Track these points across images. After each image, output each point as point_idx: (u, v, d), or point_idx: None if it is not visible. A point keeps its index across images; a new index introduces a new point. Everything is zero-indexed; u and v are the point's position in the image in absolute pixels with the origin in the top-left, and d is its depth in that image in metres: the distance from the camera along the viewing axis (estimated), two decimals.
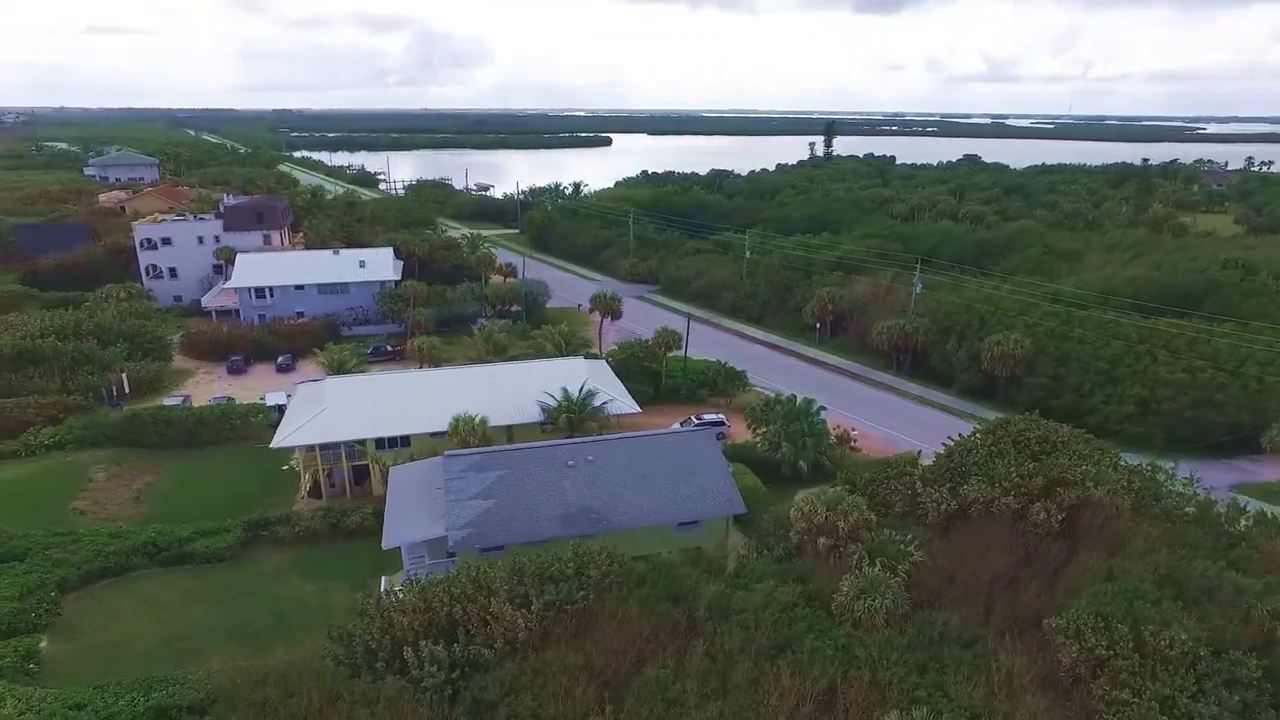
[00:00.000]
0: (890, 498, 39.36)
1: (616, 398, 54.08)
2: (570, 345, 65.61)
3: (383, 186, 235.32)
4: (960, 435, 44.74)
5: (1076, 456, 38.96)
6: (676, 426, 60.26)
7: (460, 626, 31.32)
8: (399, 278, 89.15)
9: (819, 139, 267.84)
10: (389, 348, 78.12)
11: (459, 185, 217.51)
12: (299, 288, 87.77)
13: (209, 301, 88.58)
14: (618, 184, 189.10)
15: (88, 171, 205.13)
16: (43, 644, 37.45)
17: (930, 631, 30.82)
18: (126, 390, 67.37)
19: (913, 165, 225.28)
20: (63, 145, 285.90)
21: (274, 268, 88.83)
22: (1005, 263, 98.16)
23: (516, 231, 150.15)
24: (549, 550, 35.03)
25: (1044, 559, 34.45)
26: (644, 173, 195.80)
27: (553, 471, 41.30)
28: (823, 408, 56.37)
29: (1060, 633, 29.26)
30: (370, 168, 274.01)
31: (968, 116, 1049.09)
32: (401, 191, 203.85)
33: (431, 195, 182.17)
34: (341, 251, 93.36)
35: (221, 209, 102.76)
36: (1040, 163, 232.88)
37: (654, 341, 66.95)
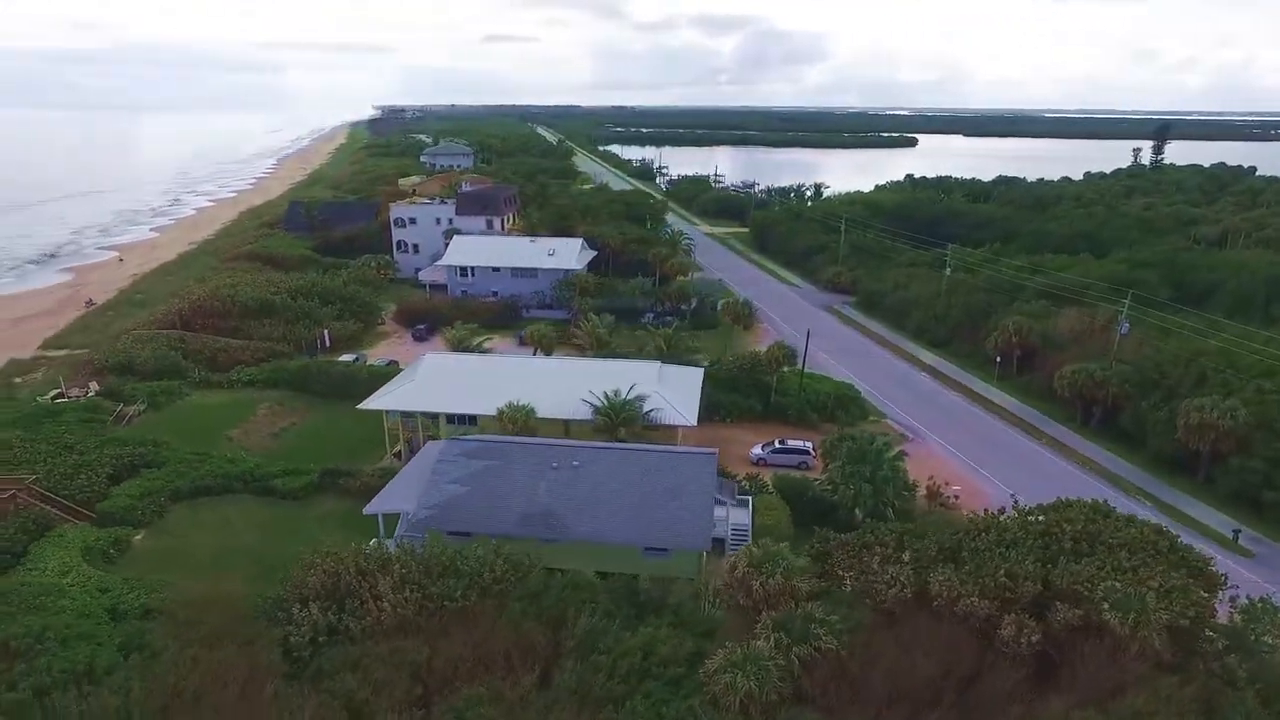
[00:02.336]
0: (859, 566, 33.24)
1: (671, 406, 52.06)
2: (674, 348, 64.19)
3: (659, 180, 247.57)
4: (1005, 509, 36.24)
5: (1110, 568, 29.46)
6: (757, 449, 56.56)
7: (352, 597, 33.23)
8: (579, 267, 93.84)
9: (1146, 144, 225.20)
10: None
11: (729, 182, 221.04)
12: (495, 269, 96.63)
13: (425, 275, 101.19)
14: (877, 188, 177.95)
15: (422, 159, 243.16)
16: (137, 537, 46.67)
17: None
18: (328, 344, 79.88)
19: (1270, 178, 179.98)
20: (422, 137, 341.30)
21: (479, 250, 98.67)
22: None
23: (746, 230, 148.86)
24: (471, 545, 35.53)
25: (992, 687, 26.94)
26: (908, 176, 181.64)
27: (535, 471, 41.43)
28: (902, 453, 49.12)
29: None
30: (663, 161, 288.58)
31: None
32: (666, 185, 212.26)
33: (684, 191, 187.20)
34: (538, 239, 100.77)
35: (459, 195, 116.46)
36: None
37: (765, 354, 62.94)
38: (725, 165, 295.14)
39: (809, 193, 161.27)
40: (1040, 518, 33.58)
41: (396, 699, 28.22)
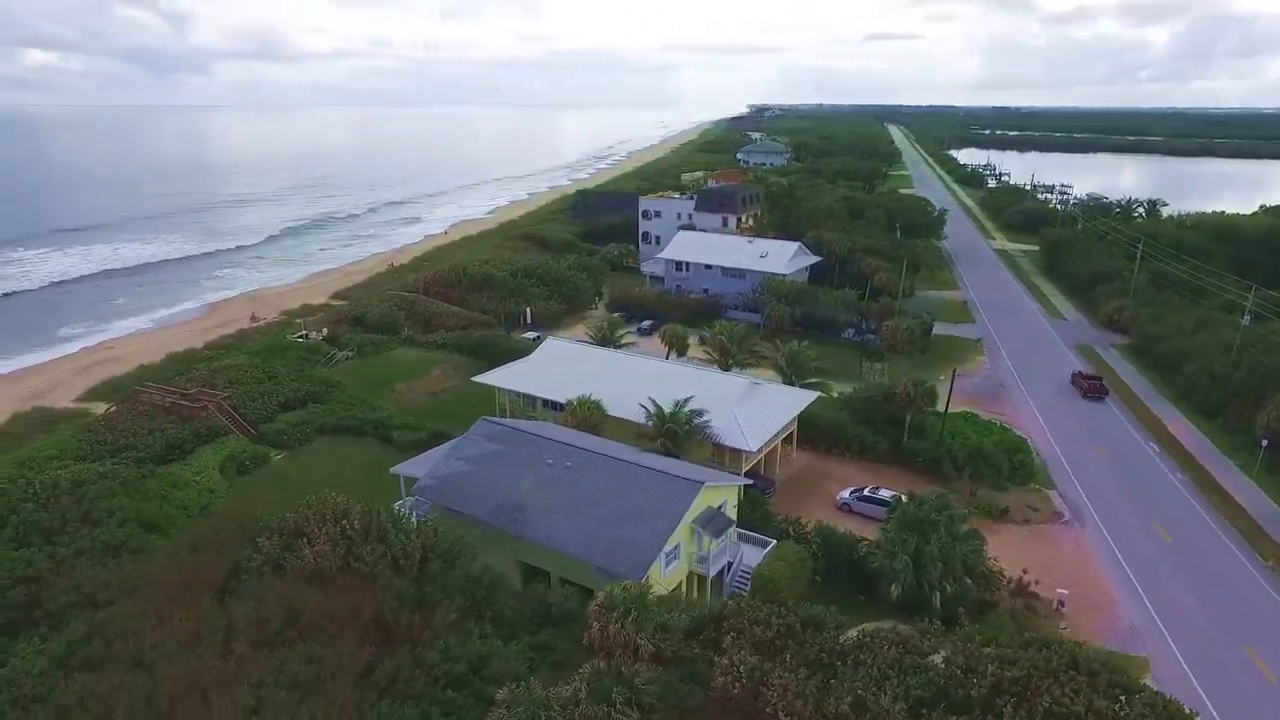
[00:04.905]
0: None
1: (737, 427, 47.83)
2: (798, 368, 58.21)
3: (990, 184, 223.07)
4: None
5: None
6: (845, 494, 49.75)
7: (301, 540, 36.83)
8: (786, 272, 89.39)
9: None
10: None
11: (1077, 192, 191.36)
12: (708, 267, 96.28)
13: (646, 267, 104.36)
14: (1263, 209, 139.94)
15: (738, 156, 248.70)
16: (276, 457, 56.35)
17: None
18: (529, 320, 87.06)
19: None
20: (753, 134, 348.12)
21: (697, 246, 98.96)
22: None
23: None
24: (412, 520, 37.19)
25: None
26: None
27: (530, 464, 41.43)
28: (975, 532, 39.48)
29: None
30: (1003, 168, 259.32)
31: None
32: (983, 194, 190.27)
33: (996, 200, 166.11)
34: (756, 240, 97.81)
35: (701, 192, 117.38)
36: None
37: (900, 391, 54.40)
38: (1110, 175, 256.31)
39: (1139, 210, 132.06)
40: (984, 645, 24.79)
41: (261, 635, 30.96)
